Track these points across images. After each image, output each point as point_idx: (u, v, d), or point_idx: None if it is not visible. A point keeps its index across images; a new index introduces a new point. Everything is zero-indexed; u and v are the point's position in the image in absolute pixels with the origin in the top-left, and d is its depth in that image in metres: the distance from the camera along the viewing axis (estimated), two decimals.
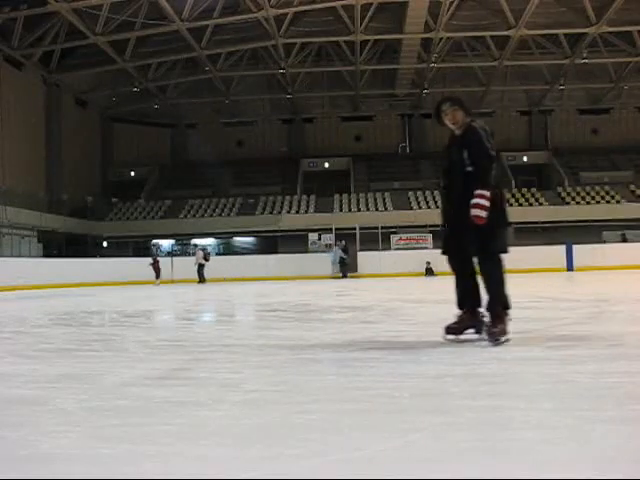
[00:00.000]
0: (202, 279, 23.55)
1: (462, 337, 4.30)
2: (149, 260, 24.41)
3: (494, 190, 4.14)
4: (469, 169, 4.22)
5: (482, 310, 4.30)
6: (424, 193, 35.15)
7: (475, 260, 4.34)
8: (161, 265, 24.07)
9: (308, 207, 34.30)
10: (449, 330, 4.33)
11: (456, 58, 33.84)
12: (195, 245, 25.68)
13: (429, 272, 24.94)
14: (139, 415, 2.40)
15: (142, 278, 23.41)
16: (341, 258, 25.93)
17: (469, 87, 37.53)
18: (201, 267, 23.73)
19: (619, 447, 1.86)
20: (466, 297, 4.39)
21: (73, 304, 11.31)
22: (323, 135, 39.03)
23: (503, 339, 4.12)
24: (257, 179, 37.85)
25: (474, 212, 4.03)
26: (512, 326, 5.47)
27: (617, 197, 33.58)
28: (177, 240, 33.93)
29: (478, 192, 4.05)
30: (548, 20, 28.71)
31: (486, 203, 4.04)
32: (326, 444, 1.93)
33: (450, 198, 4.44)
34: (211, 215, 34.21)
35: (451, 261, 4.50)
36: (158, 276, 23.57)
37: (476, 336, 4.28)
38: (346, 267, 25.79)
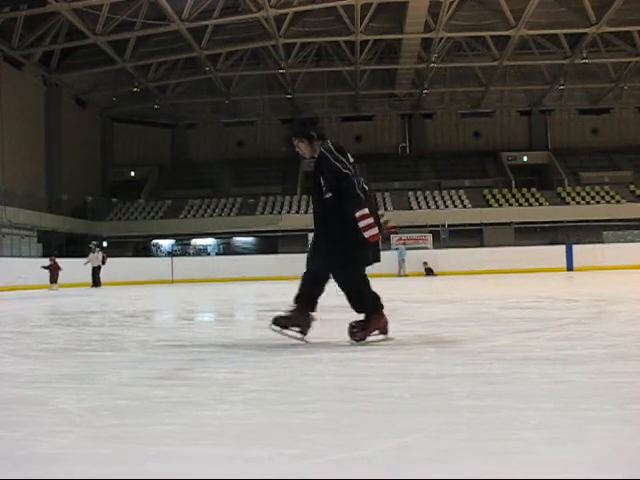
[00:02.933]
0: (97, 282, 20.98)
1: (287, 332, 4.36)
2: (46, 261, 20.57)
3: (366, 206, 4.19)
4: (327, 196, 4.28)
5: (313, 314, 4.40)
6: (424, 193, 35.17)
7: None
8: (61, 266, 20.11)
9: (308, 207, 34.27)
10: (276, 322, 4.38)
11: (456, 58, 33.87)
12: (96, 245, 21.87)
13: (429, 272, 24.95)
14: (139, 415, 2.40)
15: (142, 278, 23.41)
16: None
17: (469, 87, 37.59)
18: (98, 269, 21.19)
19: (619, 447, 1.86)
20: (305, 297, 4.42)
21: (73, 304, 11.31)
22: None
23: (368, 339, 4.25)
24: (257, 179, 37.86)
25: (367, 234, 4.14)
26: (512, 326, 5.49)
27: (617, 197, 33.59)
28: (177, 240, 33.94)
29: (358, 215, 4.14)
30: (548, 20, 28.74)
31: (370, 220, 4.15)
32: (326, 444, 1.93)
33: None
34: (211, 215, 34.22)
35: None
36: (54, 280, 19.81)
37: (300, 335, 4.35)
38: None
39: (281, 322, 4.35)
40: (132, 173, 39.12)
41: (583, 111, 40.40)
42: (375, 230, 4.16)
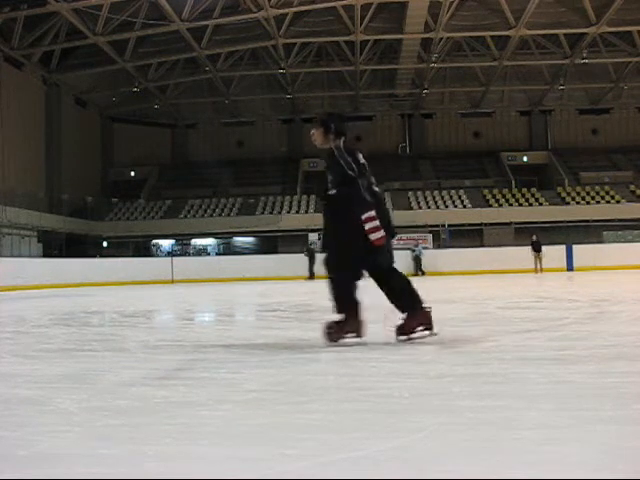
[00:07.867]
0: None
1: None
2: None
3: (374, 207, 4.11)
4: (332, 192, 4.28)
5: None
6: (424, 193, 35.16)
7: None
8: None
9: (308, 207, 34.30)
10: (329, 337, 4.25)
11: (456, 58, 33.88)
12: None
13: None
14: (139, 415, 2.40)
15: (142, 278, 23.39)
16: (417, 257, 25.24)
17: (469, 87, 37.60)
18: None
19: (619, 447, 1.86)
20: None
21: (73, 304, 11.30)
22: None
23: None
24: (257, 179, 37.86)
25: (372, 237, 4.07)
26: (512, 326, 5.50)
27: (617, 197, 33.58)
28: (177, 240, 33.94)
29: (364, 217, 4.07)
30: (548, 20, 28.76)
31: (376, 223, 4.07)
32: (326, 444, 1.93)
33: None
34: (211, 215, 34.22)
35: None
36: None
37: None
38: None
39: (332, 336, 4.19)
40: (132, 173, 39.12)
41: (583, 111, 40.39)
42: (380, 233, 4.08)
